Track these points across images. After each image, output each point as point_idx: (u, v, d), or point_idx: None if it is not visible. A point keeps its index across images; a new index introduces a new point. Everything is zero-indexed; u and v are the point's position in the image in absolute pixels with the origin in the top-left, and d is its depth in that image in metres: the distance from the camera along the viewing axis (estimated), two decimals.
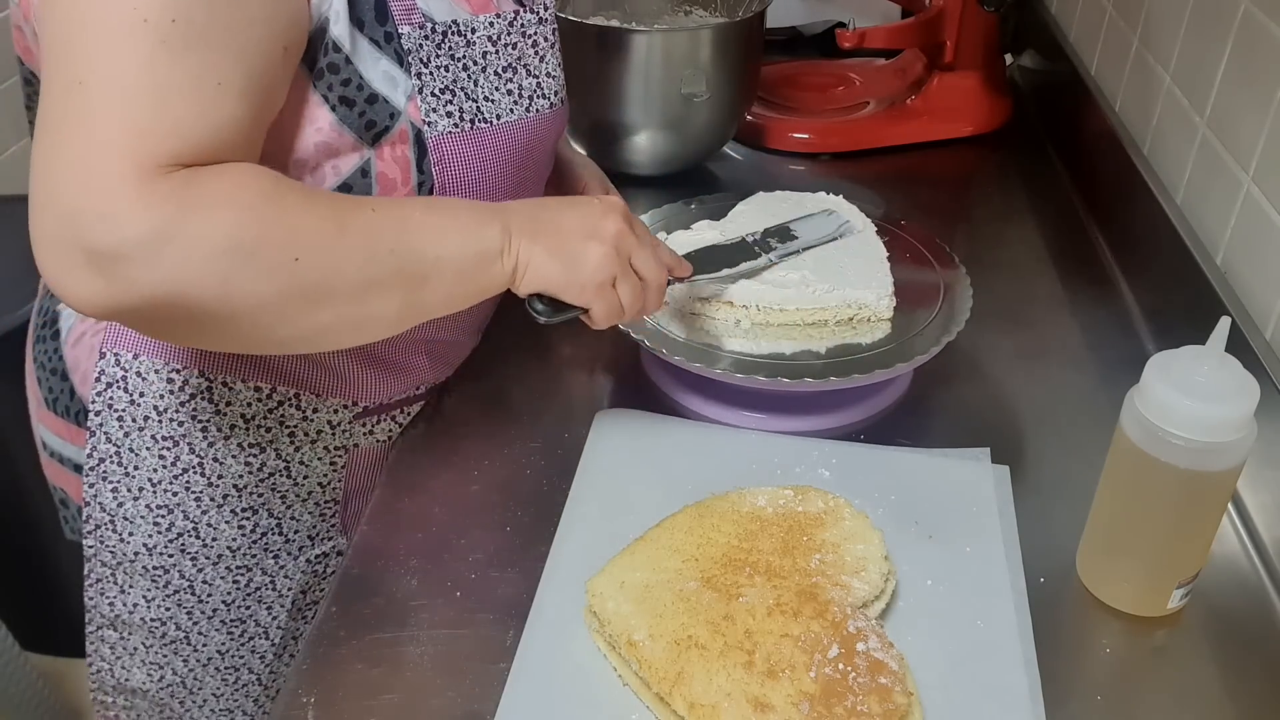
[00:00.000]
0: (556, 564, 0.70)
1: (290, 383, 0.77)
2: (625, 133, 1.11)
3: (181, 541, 0.80)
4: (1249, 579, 0.71)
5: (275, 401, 0.77)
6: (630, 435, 0.81)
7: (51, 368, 0.80)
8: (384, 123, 0.67)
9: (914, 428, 0.83)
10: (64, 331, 0.79)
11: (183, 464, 0.77)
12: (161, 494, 0.78)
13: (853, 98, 1.34)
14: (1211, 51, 0.91)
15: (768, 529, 0.68)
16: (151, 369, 0.75)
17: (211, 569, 0.82)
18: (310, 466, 0.81)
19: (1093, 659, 0.66)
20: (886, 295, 0.83)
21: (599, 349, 0.91)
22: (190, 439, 0.77)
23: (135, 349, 0.75)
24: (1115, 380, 0.85)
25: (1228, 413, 0.60)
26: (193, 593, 0.82)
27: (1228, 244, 0.87)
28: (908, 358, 0.78)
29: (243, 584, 0.83)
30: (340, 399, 0.79)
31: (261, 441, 0.78)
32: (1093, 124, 1.15)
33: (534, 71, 0.74)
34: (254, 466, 0.79)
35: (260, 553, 0.82)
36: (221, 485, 0.78)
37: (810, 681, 0.58)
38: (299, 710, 0.62)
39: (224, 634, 0.85)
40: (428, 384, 0.85)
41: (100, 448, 0.77)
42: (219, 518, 0.80)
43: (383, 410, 0.82)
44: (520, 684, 0.62)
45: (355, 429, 0.81)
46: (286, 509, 0.81)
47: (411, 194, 0.70)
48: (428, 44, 0.67)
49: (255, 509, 0.80)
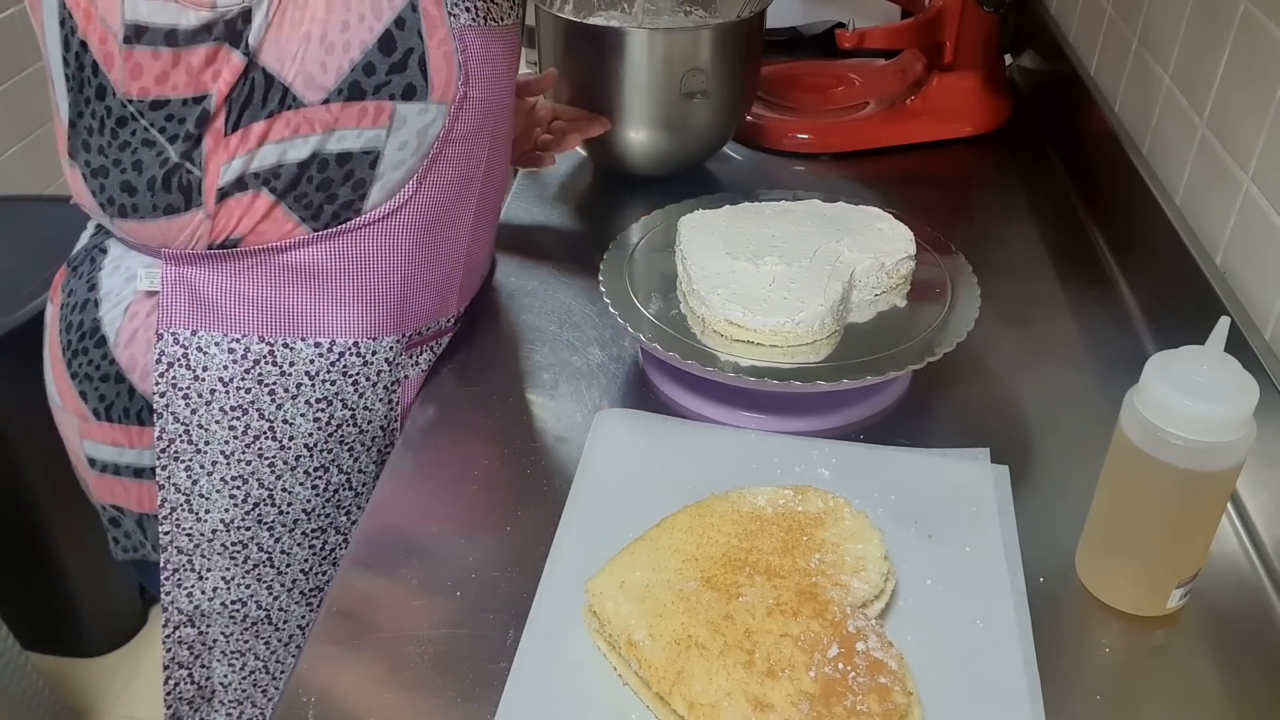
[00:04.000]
0: (556, 564, 0.70)
1: (346, 333, 0.80)
2: (625, 133, 1.11)
3: (258, 512, 0.81)
4: (1248, 579, 0.71)
5: (336, 353, 0.80)
6: (630, 435, 0.81)
7: (101, 375, 0.80)
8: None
9: (914, 428, 0.83)
10: (111, 336, 0.79)
11: (253, 431, 0.79)
12: (235, 465, 0.79)
13: (852, 98, 1.34)
14: (1211, 52, 0.91)
15: (768, 529, 0.68)
16: (211, 342, 0.77)
17: (288, 536, 0.83)
18: (373, 410, 0.83)
19: (1092, 659, 0.66)
20: (804, 322, 0.80)
21: (599, 349, 0.91)
22: (259, 404, 0.78)
23: (192, 325, 0.76)
24: (1114, 380, 0.85)
25: (1227, 413, 0.60)
26: (271, 565, 0.84)
27: (1227, 244, 0.88)
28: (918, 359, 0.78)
29: (319, 548, 0.85)
30: (393, 336, 0.82)
31: (328, 395, 0.80)
32: (1092, 124, 1.15)
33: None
34: (322, 421, 0.81)
35: (334, 511, 0.84)
36: (293, 447, 0.81)
37: (810, 681, 0.58)
38: (299, 710, 0.62)
39: (303, 605, 0.87)
40: (455, 313, 0.91)
41: (169, 429, 0.78)
42: (293, 480, 0.82)
43: (424, 341, 0.87)
44: (520, 684, 0.62)
45: (405, 361, 0.85)
46: (354, 461, 0.84)
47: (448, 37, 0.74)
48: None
49: (326, 466, 0.83)
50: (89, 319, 0.80)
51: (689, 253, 0.86)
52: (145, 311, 0.79)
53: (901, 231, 0.90)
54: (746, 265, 0.85)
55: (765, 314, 0.80)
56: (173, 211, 0.74)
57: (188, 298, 0.76)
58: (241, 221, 0.74)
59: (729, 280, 0.83)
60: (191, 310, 0.76)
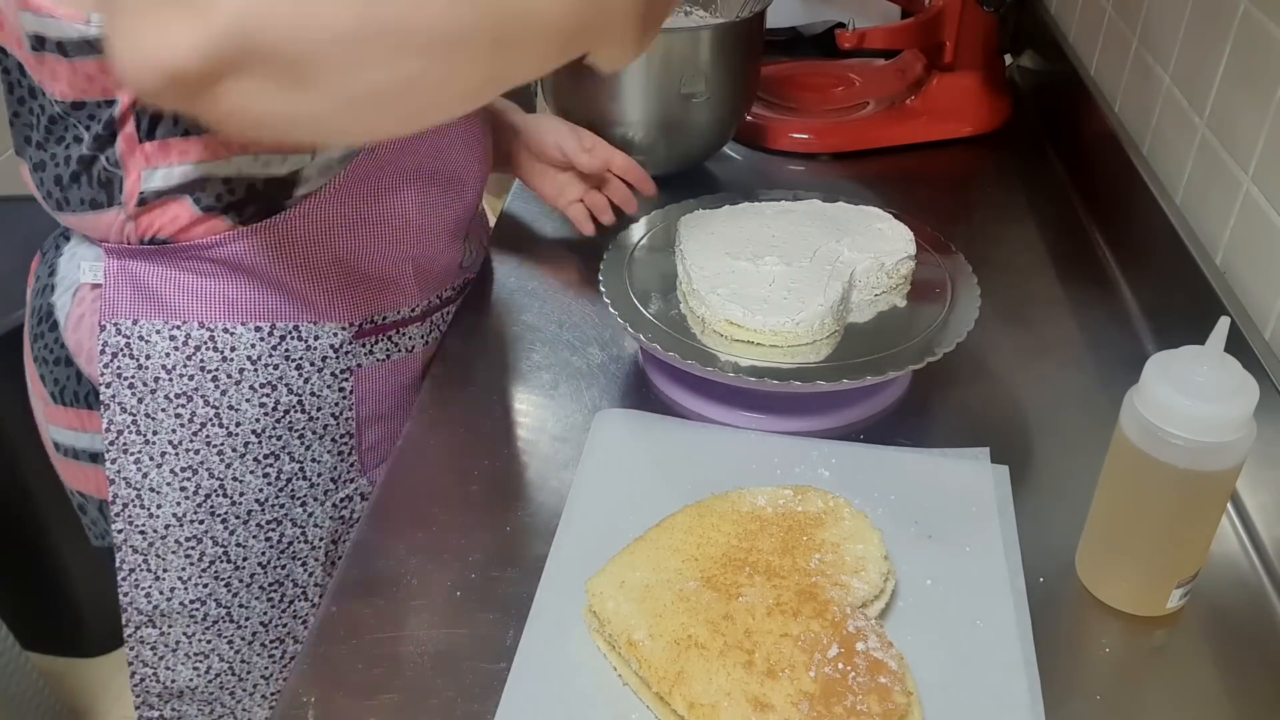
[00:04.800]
0: (556, 564, 0.70)
1: (286, 317, 0.79)
2: (625, 133, 1.11)
3: (210, 503, 0.81)
4: (1249, 579, 0.71)
5: (277, 337, 0.79)
6: (630, 435, 0.81)
7: (55, 359, 0.81)
8: None
9: (914, 428, 0.83)
10: (62, 320, 0.80)
11: (200, 418, 0.79)
12: (184, 454, 0.80)
13: (852, 98, 1.34)
14: (1211, 52, 0.91)
15: (767, 529, 0.68)
16: (153, 330, 0.77)
17: (243, 529, 0.83)
18: (322, 397, 0.83)
19: (1092, 659, 0.66)
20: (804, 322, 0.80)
21: (599, 349, 0.91)
22: (203, 390, 0.78)
23: (134, 315, 0.77)
24: (1114, 380, 0.85)
25: (1227, 413, 0.60)
26: (228, 559, 0.84)
27: (1227, 244, 0.88)
28: (918, 360, 0.78)
29: (275, 540, 0.85)
30: (336, 322, 0.82)
31: (272, 379, 0.80)
32: (1092, 124, 1.15)
33: None
34: (268, 407, 0.80)
35: (288, 501, 0.84)
36: (240, 433, 0.80)
37: (810, 681, 0.58)
38: (299, 710, 0.62)
39: (264, 601, 0.86)
40: (416, 304, 0.88)
41: (116, 420, 0.78)
42: (243, 469, 0.81)
43: (378, 330, 0.85)
44: (520, 684, 0.62)
45: (357, 349, 0.84)
46: (306, 449, 0.83)
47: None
48: None
49: (276, 454, 0.82)
50: (46, 303, 0.82)
51: (689, 253, 0.86)
52: (91, 297, 0.79)
53: (901, 231, 0.90)
54: (746, 265, 0.85)
55: (765, 314, 0.80)
56: (98, 206, 0.75)
57: (129, 288, 0.77)
58: (166, 225, 0.75)
59: (729, 280, 0.83)
60: (133, 300, 0.77)
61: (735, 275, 0.84)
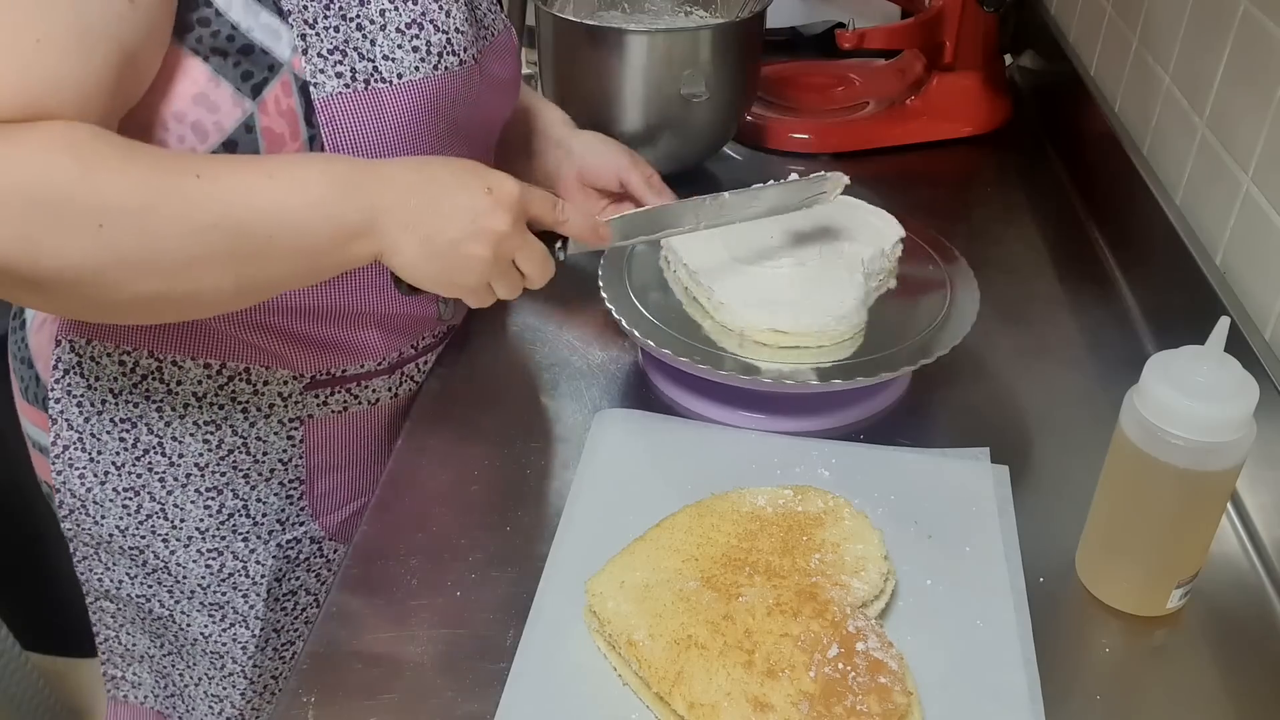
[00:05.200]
0: (556, 564, 0.70)
1: (238, 357, 0.77)
2: (625, 133, 1.11)
3: (151, 523, 0.81)
4: (1248, 579, 0.71)
5: (225, 377, 0.77)
6: (630, 435, 0.81)
7: (21, 357, 0.81)
8: (263, 74, 0.64)
9: (914, 428, 0.83)
10: (29, 321, 0.80)
11: (143, 445, 0.78)
12: (127, 476, 0.79)
13: (852, 98, 1.34)
14: (1211, 52, 0.91)
15: (767, 529, 0.68)
16: (104, 352, 0.76)
17: (183, 551, 0.82)
18: (268, 442, 0.80)
19: (1092, 659, 0.66)
20: (846, 317, 0.80)
21: (599, 349, 0.91)
22: (147, 419, 0.77)
23: (88, 334, 0.76)
24: (1114, 380, 0.85)
25: (1227, 413, 0.60)
26: (169, 573, 0.83)
27: (1227, 244, 0.87)
28: (912, 361, 0.78)
29: (215, 568, 0.83)
30: (289, 370, 0.79)
31: (216, 419, 0.78)
32: (1092, 124, 1.15)
33: (441, 27, 0.70)
34: (212, 444, 0.79)
35: (229, 534, 0.82)
36: (183, 464, 0.79)
37: (810, 681, 0.58)
38: (299, 710, 0.62)
39: (205, 617, 0.85)
40: (382, 358, 0.82)
41: (64, 435, 0.78)
42: (184, 498, 0.80)
43: (336, 382, 0.81)
44: (520, 684, 0.62)
45: (308, 400, 0.80)
46: (251, 489, 0.82)
47: (301, 149, 0.67)
48: (314, 4, 0.65)
49: (219, 489, 0.81)
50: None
51: (693, 264, 0.85)
52: None
53: (882, 215, 0.91)
54: (760, 270, 0.84)
55: (807, 315, 0.79)
56: None
57: None
58: None
59: (751, 288, 0.82)
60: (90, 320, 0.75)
61: (754, 281, 0.83)
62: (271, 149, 0.66)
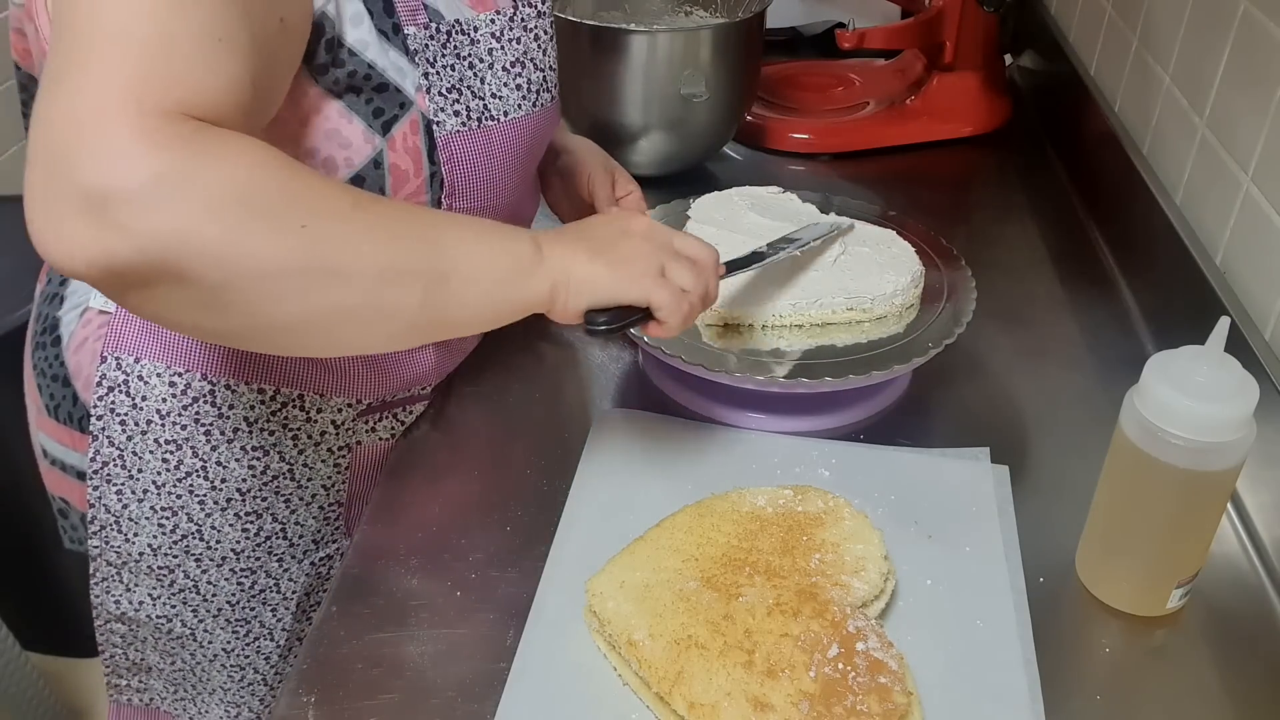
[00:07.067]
0: (556, 564, 0.70)
1: (294, 384, 0.76)
2: (625, 133, 1.11)
3: (186, 543, 0.80)
4: (1248, 579, 0.71)
5: (279, 404, 0.77)
6: (630, 435, 0.81)
7: (53, 374, 0.80)
8: (393, 111, 0.67)
9: (914, 428, 0.83)
10: (65, 338, 0.79)
11: (186, 468, 0.77)
12: (165, 496, 0.78)
13: (852, 98, 1.34)
14: (1211, 52, 0.91)
15: (767, 529, 0.68)
16: (154, 372, 0.75)
17: (216, 570, 0.82)
18: (314, 469, 0.80)
19: (1092, 659, 0.66)
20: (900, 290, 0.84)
21: (599, 349, 0.91)
22: (193, 443, 0.76)
23: (137, 352, 0.75)
24: (1115, 380, 0.85)
25: (1227, 413, 0.60)
26: (197, 592, 0.82)
27: (1227, 244, 0.88)
28: (908, 359, 0.78)
29: (247, 586, 0.83)
30: (345, 398, 0.79)
31: (265, 445, 0.78)
32: (1092, 124, 1.15)
33: (540, 65, 0.74)
34: (257, 470, 0.78)
35: (264, 556, 0.82)
36: (225, 489, 0.78)
37: (810, 681, 0.58)
38: (299, 710, 0.62)
39: (229, 633, 0.85)
40: (433, 381, 0.84)
41: (103, 451, 0.77)
42: (223, 521, 0.79)
43: (386, 408, 0.82)
44: (520, 684, 0.62)
45: (358, 427, 0.81)
46: (291, 513, 0.81)
47: (423, 186, 0.69)
48: (434, 43, 0.67)
49: (259, 513, 0.80)
50: (52, 314, 0.80)
51: None
52: (99, 323, 0.77)
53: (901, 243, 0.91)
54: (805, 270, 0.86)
55: (876, 285, 0.83)
56: None
57: (138, 323, 0.74)
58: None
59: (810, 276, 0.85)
60: (140, 336, 0.74)
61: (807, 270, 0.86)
62: (396, 184, 0.69)
